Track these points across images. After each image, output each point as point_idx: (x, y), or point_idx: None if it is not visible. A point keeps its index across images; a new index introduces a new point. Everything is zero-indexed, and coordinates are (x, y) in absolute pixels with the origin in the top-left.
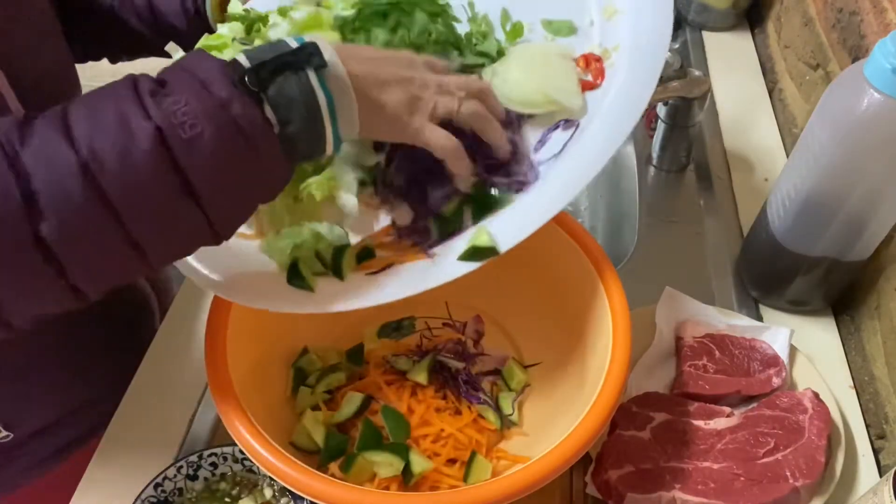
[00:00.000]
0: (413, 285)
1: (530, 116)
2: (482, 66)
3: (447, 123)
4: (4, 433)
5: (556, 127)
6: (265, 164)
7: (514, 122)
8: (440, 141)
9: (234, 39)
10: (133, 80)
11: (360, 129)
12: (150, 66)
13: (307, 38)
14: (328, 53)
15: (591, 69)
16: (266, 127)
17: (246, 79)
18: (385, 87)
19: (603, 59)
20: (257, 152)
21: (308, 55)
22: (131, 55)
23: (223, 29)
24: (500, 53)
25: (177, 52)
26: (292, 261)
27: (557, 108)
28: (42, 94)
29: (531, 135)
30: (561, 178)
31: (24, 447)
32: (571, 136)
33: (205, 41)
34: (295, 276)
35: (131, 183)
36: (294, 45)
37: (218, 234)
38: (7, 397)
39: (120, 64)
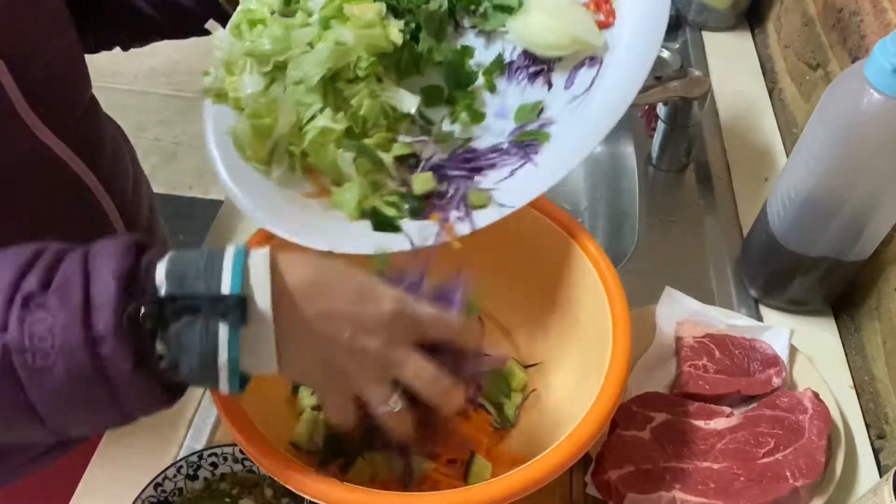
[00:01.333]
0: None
1: (558, 60)
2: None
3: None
4: None
5: (582, 65)
6: (127, 406)
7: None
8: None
9: (273, 13)
10: (24, 270)
11: (278, 372)
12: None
13: (259, 253)
14: (262, 301)
15: (603, 10)
16: (135, 375)
17: (142, 312)
18: (314, 354)
19: (611, 1)
20: (118, 397)
21: (230, 307)
22: (142, 40)
23: (253, 3)
24: (520, 4)
25: (216, 29)
26: (371, 208)
27: (582, 48)
28: (49, 88)
29: (559, 76)
30: (598, 111)
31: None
32: (598, 71)
33: (242, 15)
34: (381, 222)
35: None
36: (226, 282)
37: (68, 439)
38: None
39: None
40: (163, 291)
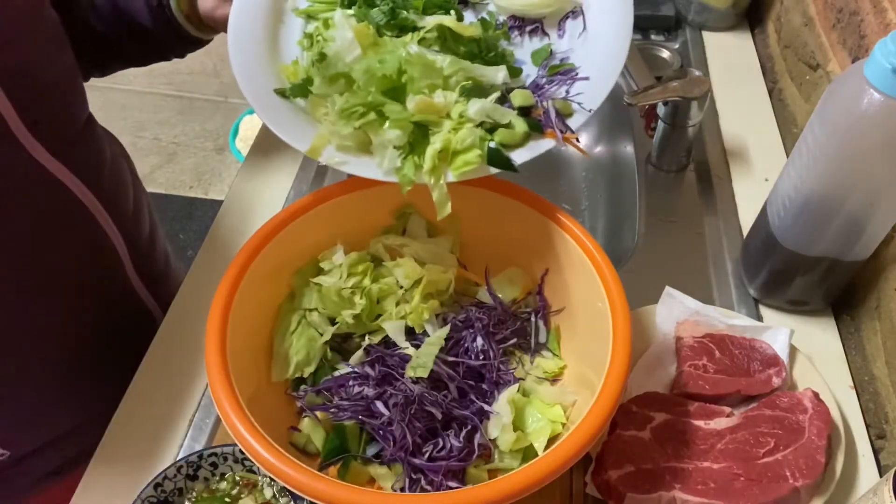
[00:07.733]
0: None
1: (544, 17)
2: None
3: None
4: (0, 451)
5: (566, 18)
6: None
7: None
8: None
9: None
10: None
11: None
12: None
13: None
14: None
15: None
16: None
17: None
18: None
19: None
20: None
21: None
22: (102, 67)
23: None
24: None
25: None
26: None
27: (564, 3)
28: (44, 109)
29: (551, 29)
30: (608, 24)
31: (22, 465)
32: (582, 14)
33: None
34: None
35: None
36: None
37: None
38: (3, 416)
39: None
40: None
